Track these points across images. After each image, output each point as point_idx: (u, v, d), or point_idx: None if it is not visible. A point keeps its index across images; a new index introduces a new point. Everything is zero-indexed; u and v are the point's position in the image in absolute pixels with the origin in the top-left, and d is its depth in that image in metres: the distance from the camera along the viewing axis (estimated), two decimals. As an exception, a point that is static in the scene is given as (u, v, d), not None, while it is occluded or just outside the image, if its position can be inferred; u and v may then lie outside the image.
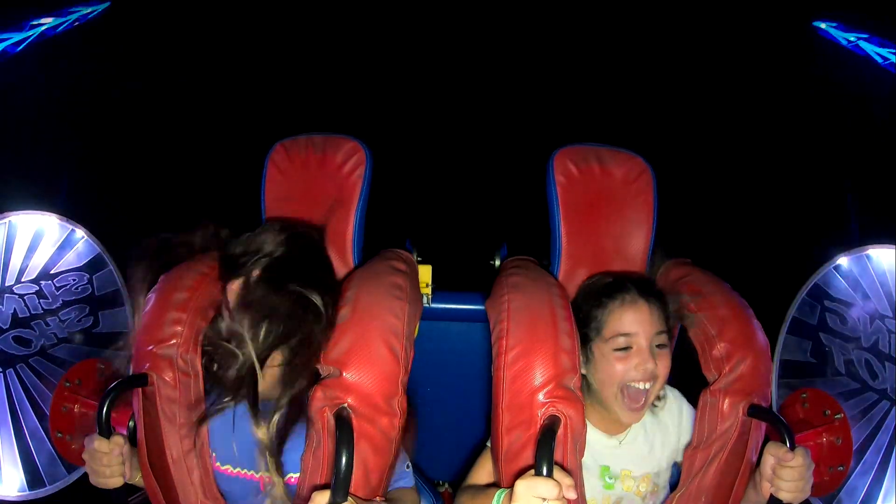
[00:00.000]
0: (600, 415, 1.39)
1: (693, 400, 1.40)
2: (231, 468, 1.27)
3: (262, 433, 1.16)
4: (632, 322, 1.30)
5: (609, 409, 1.34)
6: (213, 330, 1.22)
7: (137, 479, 1.30)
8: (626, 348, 1.30)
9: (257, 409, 1.17)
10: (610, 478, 1.38)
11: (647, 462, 1.40)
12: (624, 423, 1.38)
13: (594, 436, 1.38)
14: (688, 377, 1.42)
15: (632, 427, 1.40)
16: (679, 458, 1.42)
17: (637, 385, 1.30)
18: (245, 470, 1.27)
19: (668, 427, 1.42)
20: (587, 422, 1.36)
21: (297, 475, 1.22)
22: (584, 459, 1.23)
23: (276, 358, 1.19)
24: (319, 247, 1.39)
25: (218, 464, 1.28)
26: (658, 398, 1.38)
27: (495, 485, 1.27)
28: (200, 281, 1.28)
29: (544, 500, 0.99)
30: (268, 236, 1.27)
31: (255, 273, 1.21)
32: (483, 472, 1.34)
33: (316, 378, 1.20)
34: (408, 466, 1.32)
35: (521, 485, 1.02)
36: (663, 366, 1.30)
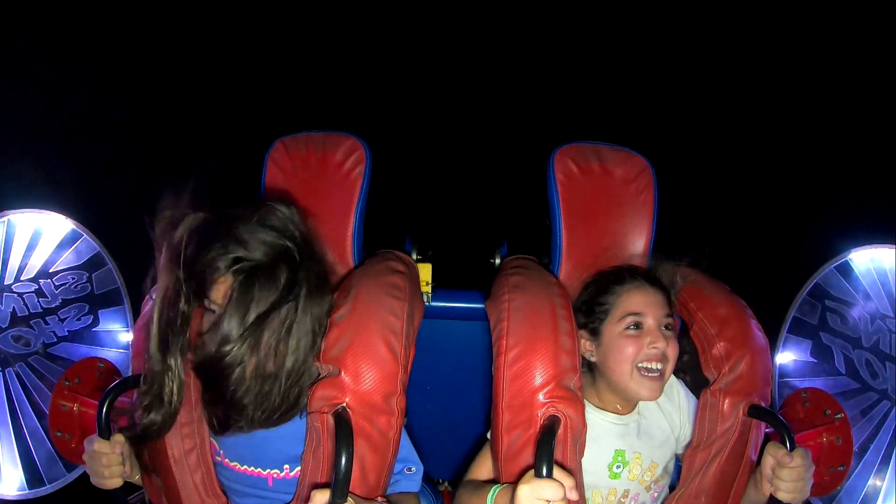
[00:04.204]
0: (613, 397, 1.38)
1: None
2: (239, 465, 1.28)
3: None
4: (641, 303, 1.34)
5: (624, 390, 1.33)
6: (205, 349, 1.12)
7: (137, 478, 1.30)
8: (637, 326, 1.32)
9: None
10: (619, 466, 1.37)
11: (657, 447, 1.40)
12: (642, 401, 1.37)
13: (606, 423, 1.37)
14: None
15: (643, 406, 1.40)
16: (679, 451, 1.42)
17: (650, 365, 1.31)
18: (253, 467, 1.27)
19: (672, 413, 1.42)
20: (599, 406, 1.38)
21: (290, 467, 1.23)
22: (596, 448, 1.22)
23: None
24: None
25: (227, 460, 1.28)
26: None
27: (495, 480, 1.27)
28: None
29: (548, 502, 0.98)
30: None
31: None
32: (483, 468, 1.34)
33: (315, 377, 1.20)
34: (409, 469, 1.30)
35: (523, 488, 1.01)
36: (672, 348, 1.32)
